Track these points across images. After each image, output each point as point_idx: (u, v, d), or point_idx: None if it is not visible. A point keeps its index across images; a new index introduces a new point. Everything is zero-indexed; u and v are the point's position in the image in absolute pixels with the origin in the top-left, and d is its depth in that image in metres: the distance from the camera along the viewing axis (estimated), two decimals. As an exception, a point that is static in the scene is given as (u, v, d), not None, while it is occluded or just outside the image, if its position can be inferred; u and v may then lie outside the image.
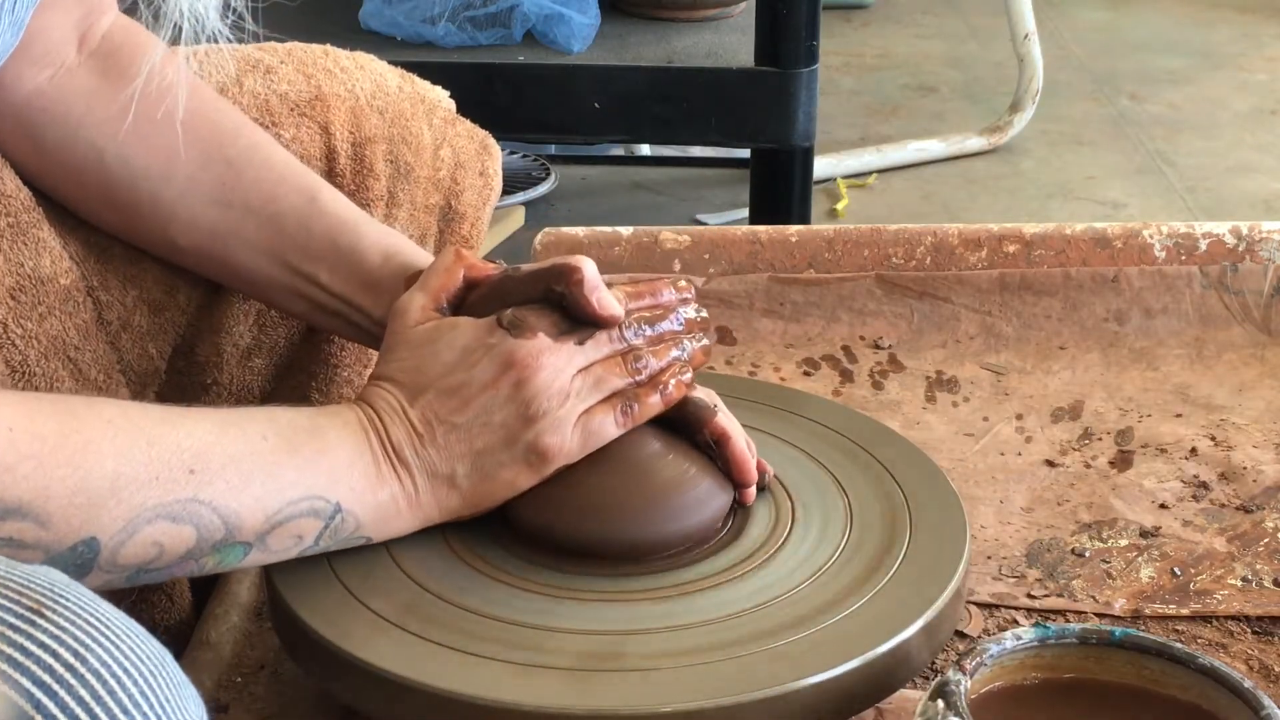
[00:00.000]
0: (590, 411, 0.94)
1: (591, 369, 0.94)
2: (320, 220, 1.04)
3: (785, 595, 0.94)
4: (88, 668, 0.60)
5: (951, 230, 1.50)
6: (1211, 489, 1.24)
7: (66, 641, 0.61)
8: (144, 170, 1.04)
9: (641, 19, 2.30)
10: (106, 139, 1.03)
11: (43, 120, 1.02)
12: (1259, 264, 1.47)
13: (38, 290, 0.98)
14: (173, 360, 1.12)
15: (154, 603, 1.06)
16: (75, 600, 0.63)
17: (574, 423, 0.93)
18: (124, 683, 0.61)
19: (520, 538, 0.98)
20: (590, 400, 0.94)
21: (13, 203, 0.98)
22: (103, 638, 0.62)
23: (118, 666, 0.61)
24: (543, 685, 0.86)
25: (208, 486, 0.82)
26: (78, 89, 1.03)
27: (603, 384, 0.94)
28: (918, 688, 0.98)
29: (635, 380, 0.95)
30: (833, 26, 3.77)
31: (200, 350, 1.12)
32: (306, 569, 0.95)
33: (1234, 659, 1.05)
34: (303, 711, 0.99)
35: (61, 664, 0.60)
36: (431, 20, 2.16)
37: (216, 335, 1.12)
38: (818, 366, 1.44)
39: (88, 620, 0.62)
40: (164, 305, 1.09)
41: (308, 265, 1.04)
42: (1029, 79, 3.11)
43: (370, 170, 1.15)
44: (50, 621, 0.61)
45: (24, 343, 0.96)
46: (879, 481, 1.06)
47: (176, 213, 1.04)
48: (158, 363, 1.10)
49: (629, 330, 0.96)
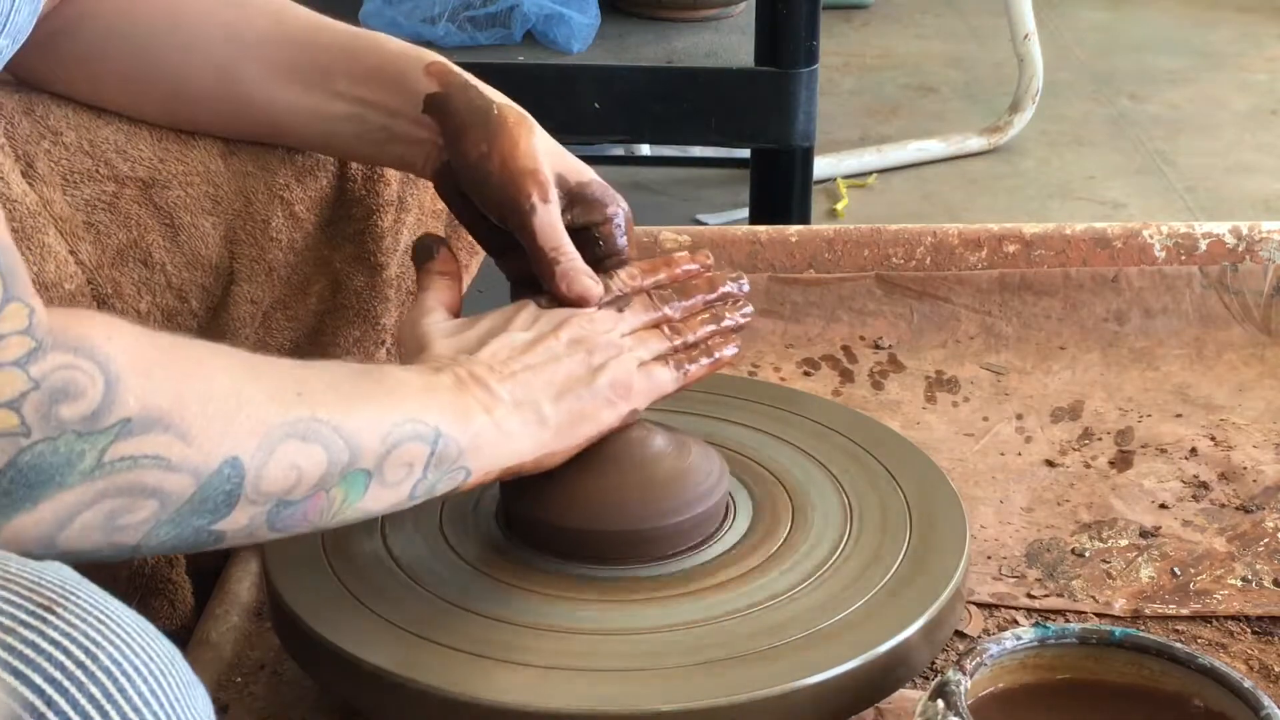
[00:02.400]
0: (646, 364, 0.97)
1: (636, 333, 0.97)
2: (328, 32, 1.05)
3: (785, 595, 0.94)
4: (98, 665, 0.60)
5: (951, 230, 1.50)
6: (1211, 489, 1.24)
7: (77, 639, 0.61)
8: (150, 29, 1.04)
9: (641, 19, 2.29)
10: (115, 15, 1.04)
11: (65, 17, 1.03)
12: (1259, 264, 1.47)
13: (42, 295, 0.97)
14: None
15: (156, 608, 1.06)
16: (86, 598, 0.63)
17: (636, 369, 0.95)
18: (134, 681, 0.61)
19: (519, 537, 0.98)
20: (644, 356, 0.97)
21: (18, 207, 0.98)
22: (114, 635, 0.62)
23: (128, 665, 0.61)
24: (542, 685, 0.86)
25: (321, 407, 0.78)
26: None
27: (649, 344, 0.97)
28: (918, 688, 0.98)
29: (674, 345, 0.98)
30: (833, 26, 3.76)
31: None
32: (306, 569, 0.96)
33: (1234, 659, 1.05)
34: (303, 711, 0.99)
35: (73, 661, 0.60)
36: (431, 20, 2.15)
37: (223, 338, 1.12)
38: (818, 366, 1.44)
39: (98, 618, 0.62)
40: (176, 311, 1.08)
41: (320, 80, 1.04)
42: (1029, 79, 3.11)
43: (381, 175, 1.14)
44: (61, 619, 0.61)
45: None
46: (879, 481, 1.06)
47: (188, 63, 1.05)
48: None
49: (663, 303, 0.99)
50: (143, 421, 0.71)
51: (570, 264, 0.97)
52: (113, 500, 0.70)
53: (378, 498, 0.82)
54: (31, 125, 1.03)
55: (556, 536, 0.96)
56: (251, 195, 1.09)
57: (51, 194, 1.03)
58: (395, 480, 0.83)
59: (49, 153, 1.03)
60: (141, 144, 1.06)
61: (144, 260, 1.06)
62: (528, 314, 0.96)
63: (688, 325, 1.00)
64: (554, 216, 0.98)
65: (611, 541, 0.96)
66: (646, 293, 1.00)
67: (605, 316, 0.96)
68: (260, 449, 0.75)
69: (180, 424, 0.72)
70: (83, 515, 0.70)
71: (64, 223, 1.03)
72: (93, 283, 1.03)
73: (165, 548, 0.74)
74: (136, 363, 0.71)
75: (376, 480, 0.81)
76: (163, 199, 1.06)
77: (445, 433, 0.85)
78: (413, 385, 0.86)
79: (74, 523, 0.70)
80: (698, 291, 1.01)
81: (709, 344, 1.00)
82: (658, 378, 0.97)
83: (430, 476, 0.84)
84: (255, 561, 1.10)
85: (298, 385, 0.79)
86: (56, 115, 1.04)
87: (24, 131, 1.03)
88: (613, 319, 0.97)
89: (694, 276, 1.03)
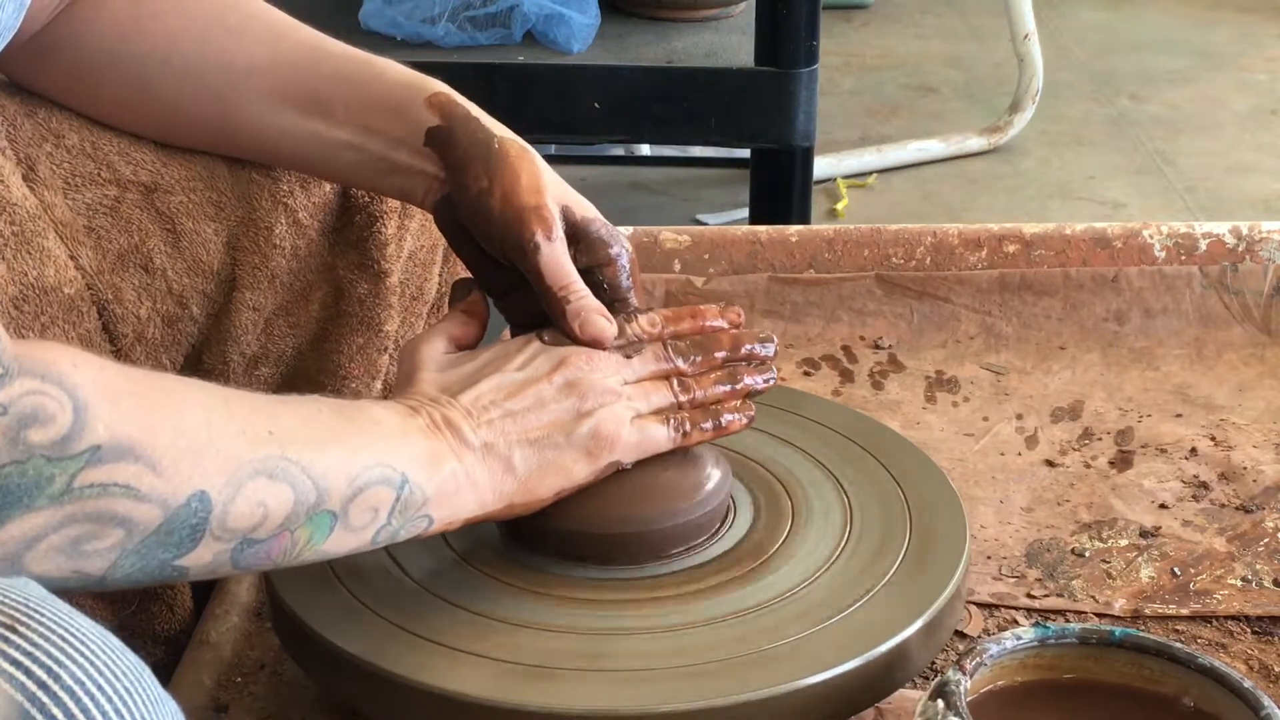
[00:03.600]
0: (643, 418, 0.93)
1: (640, 383, 0.94)
2: (329, 61, 1.03)
3: (785, 595, 0.94)
4: (61, 685, 0.60)
5: (951, 230, 1.50)
6: (1211, 489, 1.24)
7: (39, 658, 0.60)
8: (146, 56, 1.03)
9: (641, 19, 2.30)
10: (114, 38, 1.03)
11: (59, 34, 1.02)
12: (1259, 264, 1.47)
13: (40, 300, 0.97)
14: (180, 369, 1.11)
15: (154, 613, 1.06)
16: (50, 615, 0.62)
17: (628, 421, 0.92)
18: (97, 699, 0.60)
19: (519, 539, 0.98)
20: (642, 408, 0.93)
21: (18, 211, 0.97)
22: (77, 653, 0.61)
23: (91, 683, 0.61)
24: (542, 685, 0.86)
25: (290, 445, 0.78)
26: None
27: (651, 397, 0.94)
28: (918, 688, 0.98)
29: (679, 401, 0.95)
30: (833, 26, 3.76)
31: (207, 358, 1.12)
32: (307, 569, 0.95)
33: (1234, 659, 1.05)
34: (303, 711, 0.99)
35: (34, 681, 0.59)
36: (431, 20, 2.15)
37: (224, 344, 1.11)
38: (818, 366, 1.44)
39: (63, 635, 0.61)
40: (177, 317, 1.08)
41: (318, 107, 1.02)
42: (1029, 79, 3.11)
43: None
44: (23, 637, 0.60)
45: None
46: (879, 481, 1.06)
47: (183, 90, 1.04)
48: (169, 372, 1.09)
49: (676, 355, 0.96)
50: (113, 449, 0.70)
51: (581, 302, 0.94)
52: (80, 526, 0.70)
53: (341, 541, 0.82)
54: (34, 128, 1.03)
55: (557, 538, 0.96)
56: (254, 201, 1.09)
57: (53, 198, 1.02)
58: (360, 525, 0.82)
59: (51, 156, 1.03)
60: (144, 148, 1.06)
61: (145, 266, 1.06)
62: (528, 352, 0.93)
63: (699, 382, 0.96)
64: (560, 253, 0.95)
65: (612, 543, 0.96)
66: (662, 341, 0.96)
67: (609, 361, 0.93)
68: (229, 484, 0.75)
69: (151, 454, 0.72)
70: (49, 538, 0.70)
71: (65, 227, 1.02)
72: (93, 288, 1.03)
73: (130, 580, 0.74)
74: (104, 391, 0.71)
75: (341, 524, 0.81)
76: (165, 204, 1.06)
77: (412, 479, 0.84)
78: (387, 426, 0.85)
79: (39, 545, 0.69)
80: (719, 347, 0.97)
81: (719, 407, 0.96)
82: (651, 434, 0.93)
83: (394, 523, 0.84)
84: (255, 562, 1.10)
85: (270, 422, 0.78)
86: (59, 118, 1.04)
87: (26, 134, 1.03)
88: (617, 364, 0.93)
89: (719, 331, 0.99)
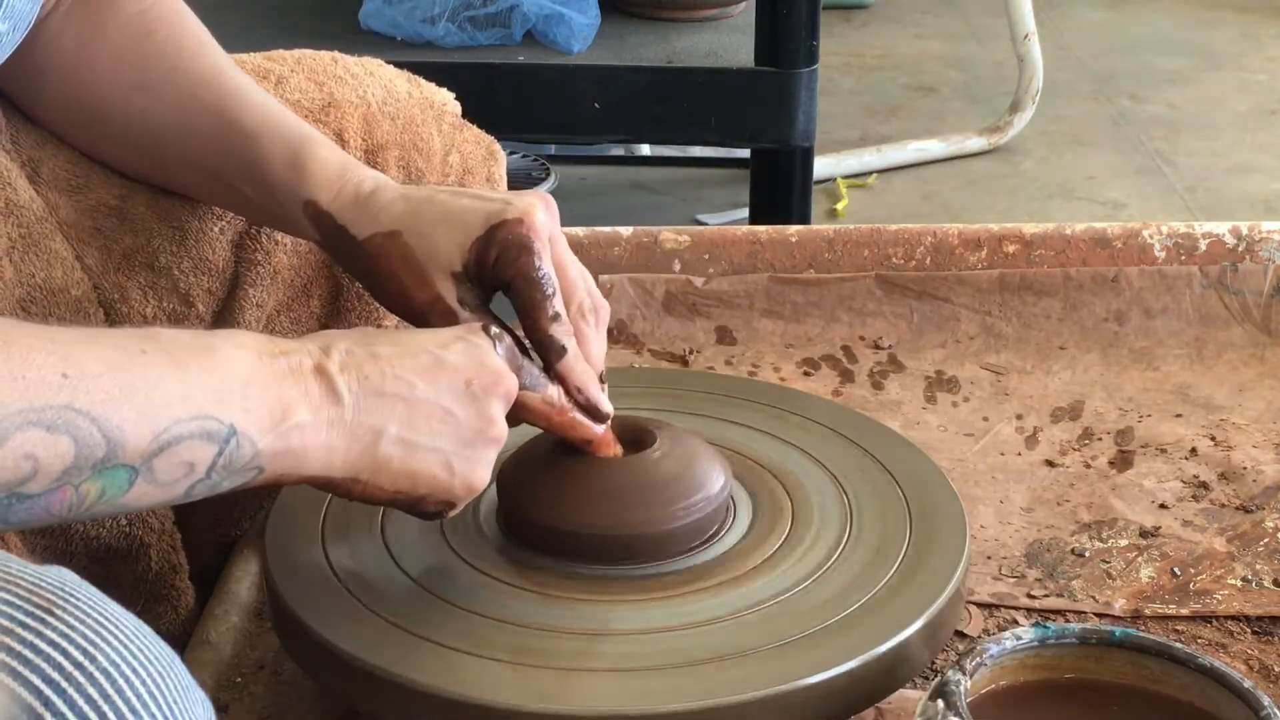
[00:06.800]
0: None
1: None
2: (227, 135, 1.02)
3: (785, 595, 0.94)
4: (96, 667, 0.60)
5: (951, 230, 1.50)
6: (1211, 489, 1.24)
7: (76, 640, 0.61)
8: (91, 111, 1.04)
9: (641, 19, 2.30)
10: (86, 69, 1.03)
11: (42, 59, 1.03)
12: (1259, 264, 1.47)
13: (48, 301, 0.98)
14: None
15: (159, 613, 1.06)
16: (85, 600, 0.63)
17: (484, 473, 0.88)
18: (132, 682, 0.61)
19: (520, 539, 0.98)
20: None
21: (25, 213, 0.97)
22: (112, 637, 0.62)
23: (126, 666, 0.61)
24: (543, 686, 0.86)
25: (84, 395, 0.71)
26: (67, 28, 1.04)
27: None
28: (918, 688, 0.98)
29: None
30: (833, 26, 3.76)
31: None
32: (306, 569, 0.96)
33: (1234, 659, 1.05)
34: (303, 711, 0.99)
35: (71, 662, 0.60)
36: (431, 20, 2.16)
37: None
38: (818, 366, 1.44)
39: (97, 620, 0.62)
40: (183, 315, 1.08)
41: (222, 183, 1.03)
42: (1029, 79, 3.11)
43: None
44: (60, 620, 0.61)
45: None
46: (879, 481, 1.06)
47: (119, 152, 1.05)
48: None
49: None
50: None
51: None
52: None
53: (145, 494, 0.76)
54: (38, 130, 1.03)
55: (557, 538, 0.96)
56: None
57: (58, 199, 1.02)
58: (169, 479, 0.76)
59: (55, 157, 1.03)
60: None
61: (150, 265, 1.06)
62: (464, 342, 0.87)
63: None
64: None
65: (613, 543, 0.96)
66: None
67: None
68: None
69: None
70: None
71: (70, 228, 1.02)
72: (99, 288, 1.03)
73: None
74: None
75: (144, 478, 0.75)
76: (170, 203, 1.06)
77: (242, 431, 0.77)
78: (229, 370, 0.78)
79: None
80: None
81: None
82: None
83: (215, 477, 0.78)
84: (255, 562, 1.10)
85: (65, 364, 0.71)
86: None
87: (30, 136, 1.03)
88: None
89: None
